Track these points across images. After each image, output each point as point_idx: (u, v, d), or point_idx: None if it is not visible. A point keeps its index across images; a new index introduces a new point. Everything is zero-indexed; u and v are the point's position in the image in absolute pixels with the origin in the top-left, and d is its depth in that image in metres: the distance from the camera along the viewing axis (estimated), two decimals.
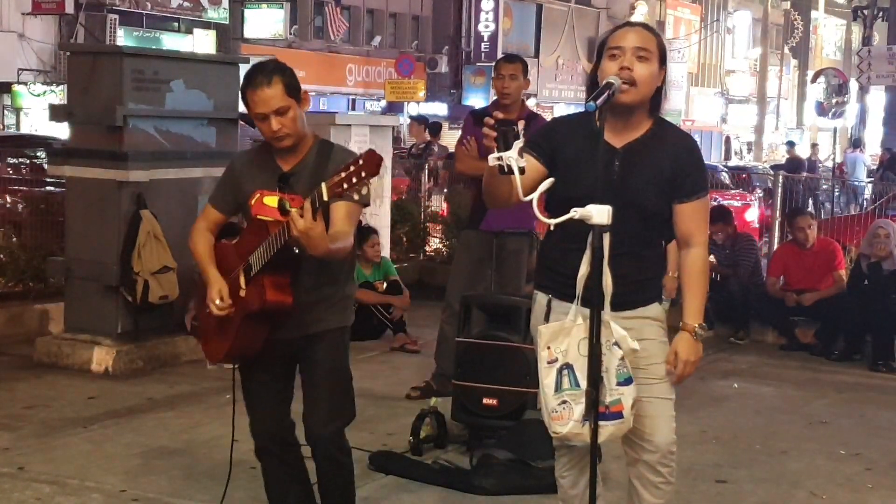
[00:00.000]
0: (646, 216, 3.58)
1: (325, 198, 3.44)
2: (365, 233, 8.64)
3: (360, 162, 3.36)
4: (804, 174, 18.07)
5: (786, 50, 54.58)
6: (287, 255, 3.69)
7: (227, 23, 28.45)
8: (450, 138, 19.11)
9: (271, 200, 3.64)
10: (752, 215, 15.37)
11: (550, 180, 3.51)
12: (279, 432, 4.07)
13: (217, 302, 3.84)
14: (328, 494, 4.13)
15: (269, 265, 3.72)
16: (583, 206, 3.28)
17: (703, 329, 3.65)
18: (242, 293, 3.81)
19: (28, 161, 11.94)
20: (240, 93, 3.89)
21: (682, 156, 3.62)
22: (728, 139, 43.90)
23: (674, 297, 5.83)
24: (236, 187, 3.95)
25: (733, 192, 17.67)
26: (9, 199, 9.96)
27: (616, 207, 3.30)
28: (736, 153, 40.75)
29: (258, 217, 3.71)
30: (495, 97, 6.80)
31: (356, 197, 3.48)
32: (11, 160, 11.80)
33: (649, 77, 3.50)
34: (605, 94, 3.34)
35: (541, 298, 3.69)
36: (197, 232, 4.04)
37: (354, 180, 3.37)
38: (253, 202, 3.71)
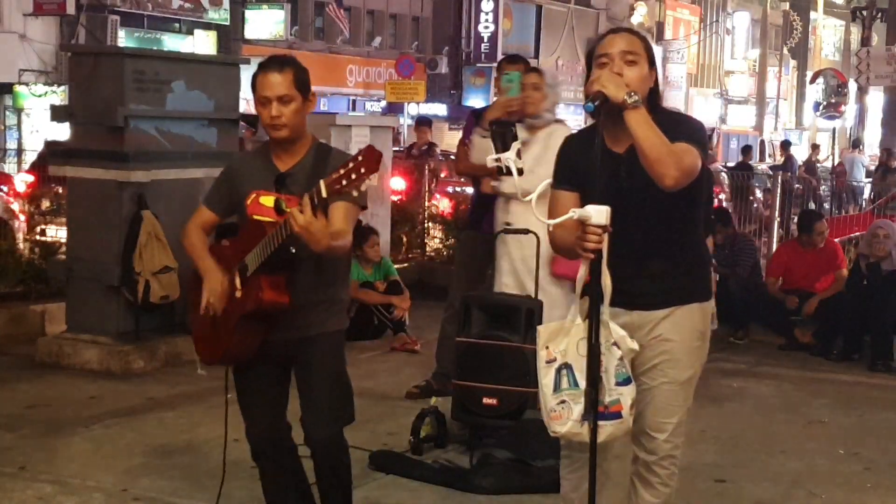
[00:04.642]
0: (665, 213, 3.55)
1: (325, 195, 3.41)
2: (365, 233, 8.65)
3: (360, 158, 3.35)
4: (789, 174, 18.06)
5: (785, 51, 54.59)
6: (284, 255, 3.66)
7: (228, 24, 28.48)
8: (450, 139, 19.12)
9: (267, 200, 3.60)
10: None
11: (548, 181, 3.54)
12: (275, 436, 4.06)
13: (211, 299, 3.79)
14: (328, 494, 4.12)
15: (265, 265, 3.70)
16: None
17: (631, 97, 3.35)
18: (238, 294, 3.78)
19: None
20: (251, 78, 3.88)
21: (673, 136, 3.42)
22: (763, 142, 43.91)
23: None
24: (232, 188, 3.93)
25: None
26: None
27: (633, 212, 3.30)
28: (770, 155, 40.65)
29: (254, 217, 3.67)
30: (496, 98, 6.79)
31: (355, 194, 3.45)
32: None
33: (639, 79, 3.50)
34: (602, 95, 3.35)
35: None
36: (189, 229, 4.00)
37: (354, 177, 3.35)
38: (249, 202, 3.67)
